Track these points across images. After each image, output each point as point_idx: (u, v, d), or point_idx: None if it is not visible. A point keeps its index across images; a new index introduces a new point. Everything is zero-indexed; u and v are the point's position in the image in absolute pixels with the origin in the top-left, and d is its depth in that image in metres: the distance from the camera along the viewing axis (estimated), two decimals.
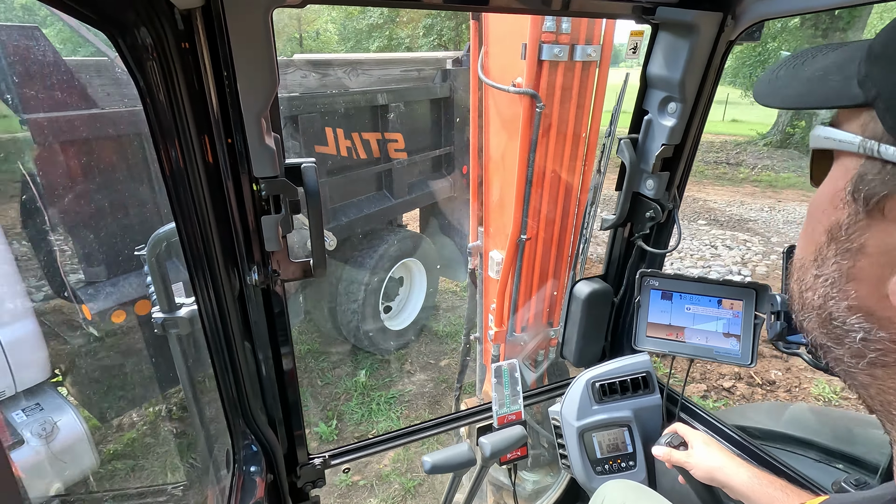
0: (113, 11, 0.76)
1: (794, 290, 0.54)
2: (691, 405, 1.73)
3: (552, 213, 2.37)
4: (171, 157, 0.94)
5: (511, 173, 2.27)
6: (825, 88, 0.48)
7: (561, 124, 2.20)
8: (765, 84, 0.55)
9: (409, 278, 5.64)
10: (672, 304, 1.60)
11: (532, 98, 2.06)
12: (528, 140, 2.14)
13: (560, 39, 2.00)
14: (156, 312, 2.02)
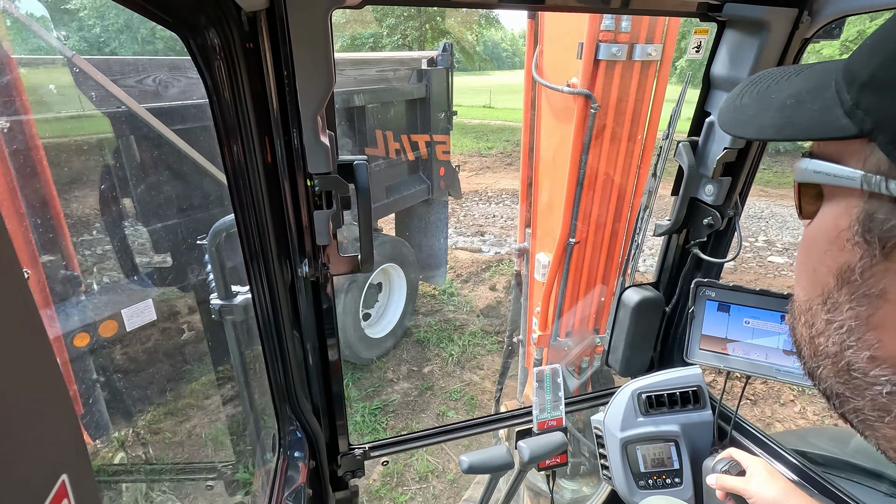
0: (186, 14, 0.81)
1: (803, 334, 0.49)
2: (746, 425, 1.64)
3: (603, 216, 2.31)
4: (234, 152, 0.99)
5: (562, 175, 2.23)
6: (804, 118, 0.44)
7: (616, 126, 2.14)
8: (730, 112, 0.51)
9: (388, 284, 5.47)
10: (729, 317, 1.52)
11: (587, 98, 2.03)
12: (580, 141, 2.09)
13: (619, 38, 1.96)
14: (213, 299, 2.13)
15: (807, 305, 0.48)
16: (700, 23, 1.36)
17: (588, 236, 2.34)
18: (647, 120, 2.16)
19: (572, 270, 2.41)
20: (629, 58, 1.98)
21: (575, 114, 2.06)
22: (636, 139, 2.18)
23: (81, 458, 0.38)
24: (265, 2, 0.88)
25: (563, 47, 2.12)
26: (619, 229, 2.36)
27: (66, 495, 0.36)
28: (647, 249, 9.34)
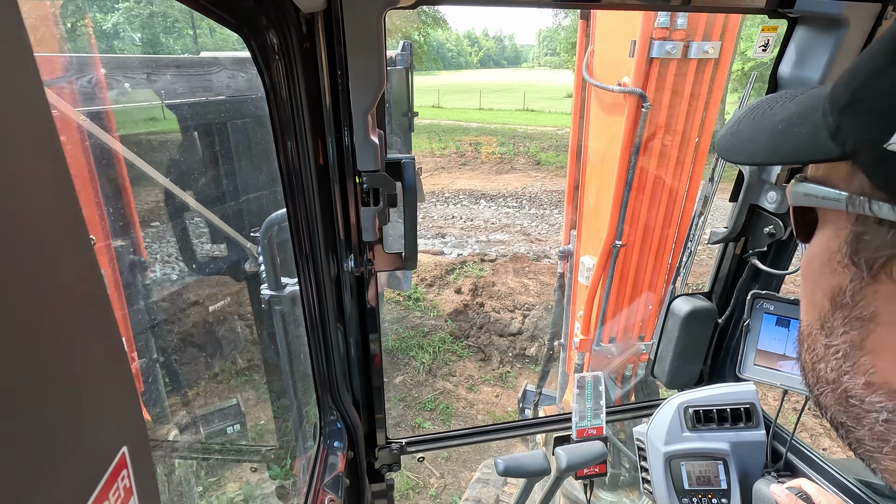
0: (248, 16, 0.85)
1: (807, 361, 0.48)
2: (805, 448, 1.53)
3: (653, 220, 2.23)
4: (288, 148, 1.02)
5: (610, 177, 2.17)
6: (792, 142, 0.43)
7: (669, 127, 2.06)
8: (728, 139, 0.51)
9: None
10: (789, 332, 1.43)
11: (639, 98, 1.96)
12: (630, 141, 2.04)
13: (674, 35, 1.89)
14: (264, 289, 2.22)
15: (808, 331, 0.48)
16: (768, 20, 1.29)
17: (635, 240, 2.27)
18: (702, 121, 2.07)
19: (618, 274, 2.34)
20: (684, 56, 1.92)
21: (626, 113, 2.00)
22: (690, 141, 2.09)
23: (140, 433, 0.41)
24: (322, 3, 0.91)
25: (615, 46, 2.06)
26: (668, 234, 2.27)
27: (125, 465, 0.38)
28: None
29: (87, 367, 0.34)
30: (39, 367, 0.29)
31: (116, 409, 0.38)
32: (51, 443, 0.30)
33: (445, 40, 60.16)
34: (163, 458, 3.10)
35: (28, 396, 0.28)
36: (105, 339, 0.36)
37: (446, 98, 31.17)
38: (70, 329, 0.32)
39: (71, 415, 0.32)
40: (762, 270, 1.58)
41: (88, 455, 0.34)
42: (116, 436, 0.38)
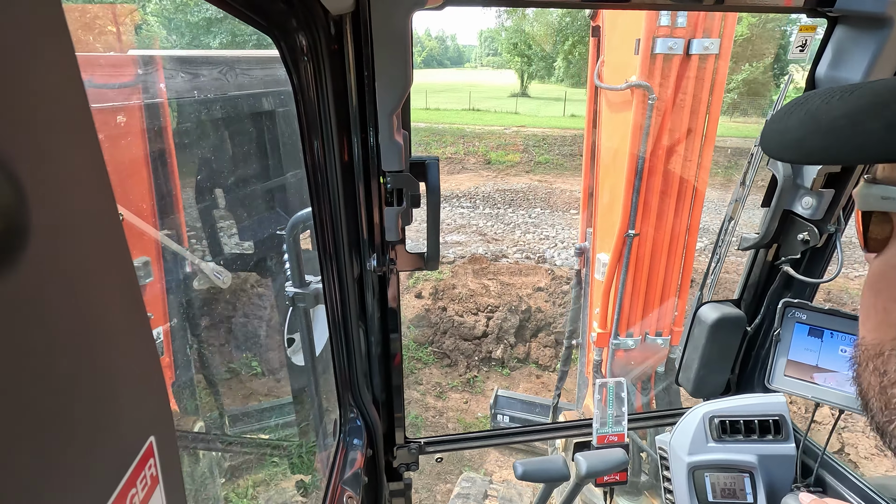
0: (278, 18, 0.86)
1: (872, 383, 0.43)
2: (837, 464, 1.48)
3: (664, 210, 2.29)
4: (314, 148, 1.04)
5: (622, 170, 2.23)
6: (861, 139, 0.38)
7: (675, 119, 2.14)
8: (776, 136, 0.47)
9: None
10: (822, 343, 1.38)
11: (645, 91, 2.06)
12: (639, 132, 2.12)
13: (675, 33, 2.00)
14: (288, 286, 2.26)
15: (876, 350, 0.43)
16: (806, 19, 1.24)
17: (648, 230, 2.31)
18: (706, 113, 2.16)
19: (632, 266, 2.38)
20: (686, 52, 2.03)
21: (633, 107, 2.11)
22: (696, 132, 2.17)
23: (167, 423, 0.42)
24: (351, 5, 0.92)
25: (623, 53, 2.17)
26: (680, 224, 2.34)
27: (152, 455, 0.39)
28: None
29: (118, 360, 0.35)
30: (73, 359, 0.30)
31: (145, 400, 0.39)
32: (83, 432, 0.31)
33: None
34: (186, 448, 3.18)
35: (63, 387, 0.29)
36: (135, 332, 0.37)
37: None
38: (102, 321, 0.33)
39: (103, 405, 0.33)
40: (795, 278, 1.53)
41: (118, 444, 0.35)
42: (145, 426, 0.39)
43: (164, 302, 2.84)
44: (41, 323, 0.27)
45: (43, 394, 0.27)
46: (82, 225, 0.30)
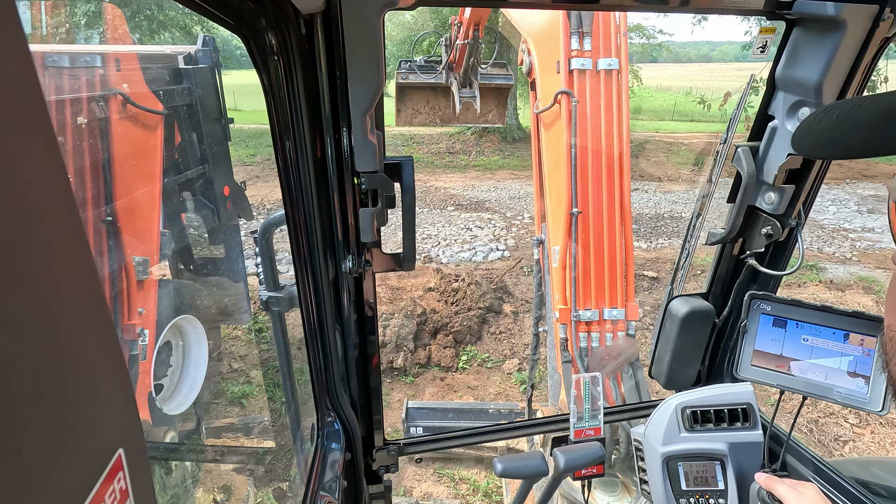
0: (247, 17, 0.85)
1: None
2: (801, 448, 1.54)
3: (598, 191, 2.84)
4: (286, 149, 1.02)
5: (562, 165, 2.77)
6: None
7: (594, 118, 2.74)
8: (810, 137, 0.53)
9: (183, 342, 3.96)
10: (786, 333, 1.44)
11: (568, 95, 2.66)
12: (569, 129, 2.68)
13: (584, 55, 2.69)
14: (262, 290, 2.22)
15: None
16: (766, 22, 1.29)
17: (588, 209, 2.84)
18: (618, 112, 2.78)
19: (581, 242, 2.83)
20: (595, 68, 2.70)
21: (562, 109, 2.72)
22: (612, 128, 2.77)
23: (136, 434, 0.41)
24: (322, 4, 0.91)
25: (550, 83, 2.85)
26: (612, 202, 2.88)
27: (121, 468, 0.38)
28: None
29: (82, 368, 0.34)
30: (33, 368, 0.29)
31: (112, 410, 0.38)
32: (45, 445, 0.30)
33: (230, 36, 54.01)
34: (159, 459, 3.09)
35: (22, 398, 0.28)
36: (101, 339, 0.36)
37: (244, 100, 26.04)
38: (65, 329, 0.32)
39: (66, 417, 0.32)
40: (759, 271, 1.58)
41: (84, 457, 0.34)
42: (113, 438, 0.37)
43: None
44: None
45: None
46: (40, 228, 0.29)
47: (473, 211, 12.10)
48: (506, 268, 8.79)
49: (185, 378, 3.88)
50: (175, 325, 3.79)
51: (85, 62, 3.10)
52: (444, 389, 6.04)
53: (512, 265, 8.89)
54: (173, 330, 3.78)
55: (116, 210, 2.81)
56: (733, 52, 52.10)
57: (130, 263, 2.82)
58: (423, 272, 8.06)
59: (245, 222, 4.76)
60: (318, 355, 1.34)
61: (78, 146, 2.87)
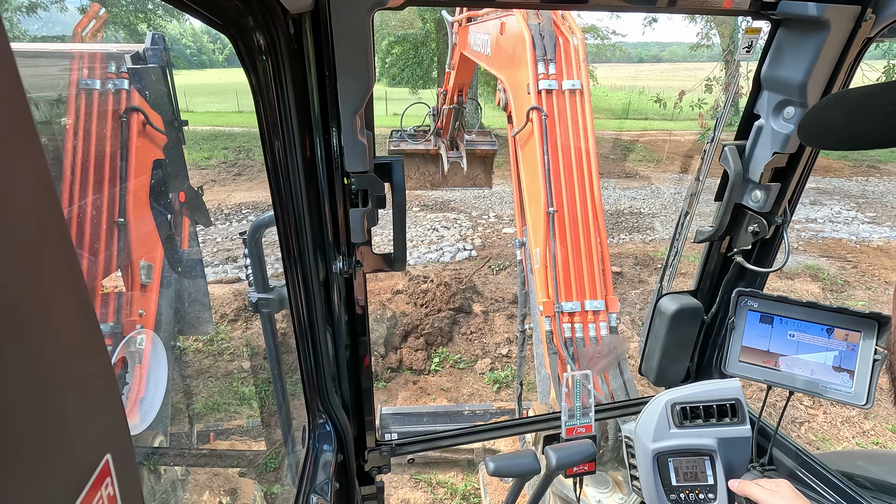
0: (234, 16, 0.84)
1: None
2: (788, 442, 1.56)
3: (570, 192, 3.11)
4: (275, 149, 1.01)
5: (537, 173, 3.04)
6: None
7: (562, 129, 3.11)
8: (819, 127, 0.52)
9: (140, 356, 3.54)
10: (772, 329, 1.46)
11: (538, 111, 3.03)
12: (541, 139, 3.00)
13: (550, 77, 3.14)
14: (251, 292, 2.19)
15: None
16: (752, 22, 1.31)
17: (563, 208, 3.08)
18: (583, 123, 3.15)
19: (559, 239, 3.03)
20: (560, 88, 3.12)
21: (534, 123, 3.05)
22: (578, 138, 3.11)
23: (124, 440, 0.40)
24: (310, 4, 0.90)
25: (522, 103, 3.22)
26: (585, 201, 3.13)
27: (109, 473, 0.37)
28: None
29: (69, 373, 0.33)
30: (20, 373, 0.28)
31: (100, 415, 0.37)
32: (30, 450, 0.29)
33: (180, 35, 47.04)
34: (148, 464, 3.05)
35: (6, 403, 0.27)
36: (88, 343, 0.35)
37: (196, 101, 27.31)
38: (52, 334, 0.31)
39: (53, 422, 0.31)
40: (746, 268, 1.61)
41: (71, 463, 0.33)
42: (100, 443, 0.37)
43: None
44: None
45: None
46: (24, 229, 0.29)
47: (439, 211, 12.12)
48: (474, 267, 8.81)
49: (145, 397, 3.64)
50: (131, 341, 3.52)
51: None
52: (417, 393, 6.02)
53: (480, 265, 8.92)
54: (129, 345, 3.52)
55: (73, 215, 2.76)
56: (682, 52, 52.87)
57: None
58: (390, 275, 8.00)
59: (203, 228, 4.61)
60: (308, 357, 1.34)
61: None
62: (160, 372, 3.71)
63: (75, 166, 2.97)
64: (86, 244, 2.73)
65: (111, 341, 3.03)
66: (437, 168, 7.51)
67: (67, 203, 2.67)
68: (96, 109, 3.32)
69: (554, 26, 3.32)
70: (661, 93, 16.91)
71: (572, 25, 3.38)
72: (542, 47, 3.18)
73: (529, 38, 3.20)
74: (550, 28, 3.29)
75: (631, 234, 10.79)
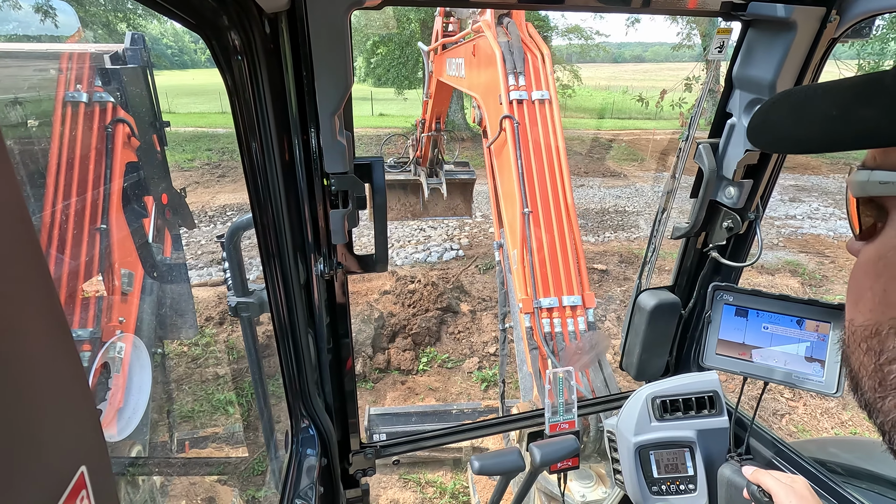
0: (208, 16, 0.82)
1: (865, 363, 0.46)
2: (764, 432, 1.60)
3: (544, 193, 3.26)
4: (252, 150, 1.00)
5: (514, 182, 3.18)
6: (858, 127, 0.42)
7: (533, 135, 3.31)
8: (765, 129, 0.51)
9: (123, 361, 3.50)
10: (747, 322, 1.49)
11: (510, 119, 3.24)
12: (514, 142, 3.19)
13: (520, 88, 3.35)
14: (230, 296, 2.16)
15: (871, 330, 0.45)
16: (723, 23, 1.34)
17: (537, 209, 3.21)
18: (553, 129, 3.35)
19: (535, 239, 3.14)
20: (530, 98, 3.33)
21: (507, 130, 3.25)
22: (549, 143, 3.31)
23: (100, 451, 0.39)
24: (286, 3, 0.89)
25: (496, 115, 3.40)
26: (558, 202, 3.27)
27: (84, 486, 0.36)
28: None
29: (39, 382, 0.32)
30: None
31: (74, 427, 0.36)
32: (2, 464, 0.28)
33: (161, 35, 45.82)
34: (126, 475, 2.97)
35: None
36: (60, 351, 0.34)
37: (178, 102, 27.06)
38: (19, 341, 0.30)
39: (22, 434, 0.30)
40: (722, 263, 1.64)
41: (43, 477, 0.32)
42: (75, 455, 0.36)
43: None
44: None
45: None
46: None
47: None
48: (461, 267, 8.84)
49: (126, 402, 3.55)
50: (112, 346, 3.42)
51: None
52: (405, 393, 6.01)
53: (467, 264, 8.95)
54: (111, 349, 3.42)
55: (42, 221, 2.67)
56: (664, 52, 54.12)
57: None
58: (377, 275, 8.00)
59: (187, 231, 4.49)
60: (290, 360, 1.32)
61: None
62: (143, 378, 3.60)
63: (49, 170, 2.87)
64: (55, 248, 2.65)
65: (90, 347, 2.92)
66: (418, 198, 7.82)
67: (50, 205, 2.57)
68: (74, 113, 3.21)
69: (522, 43, 3.61)
70: (644, 92, 17.25)
71: (539, 43, 3.69)
72: (512, 62, 3.48)
73: (500, 53, 3.50)
74: (519, 45, 3.58)
75: (616, 232, 10.94)
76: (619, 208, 12.46)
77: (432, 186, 7.43)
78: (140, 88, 3.61)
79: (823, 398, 5.38)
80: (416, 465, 4.78)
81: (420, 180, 7.48)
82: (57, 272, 2.65)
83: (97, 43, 8.61)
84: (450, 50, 5.25)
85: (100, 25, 15.11)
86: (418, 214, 7.85)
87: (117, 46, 3.57)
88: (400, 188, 7.85)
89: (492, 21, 3.93)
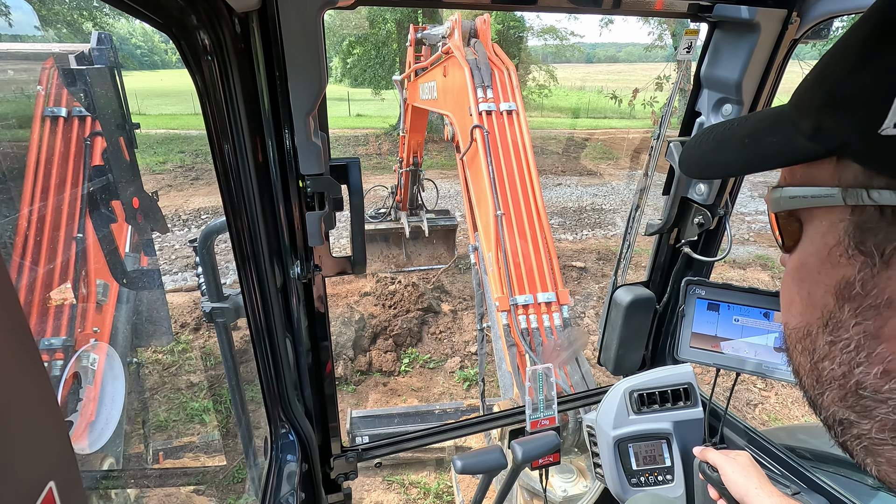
0: (176, 15, 0.80)
1: (803, 362, 0.48)
2: (736, 420, 1.65)
3: (515, 196, 3.42)
4: (225, 152, 0.98)
5: (487, 188, 3.34)
6: (766, 150, 0.47)
7: (503, 142, 3.54)
8: (694, 160, 0.56)
9: (94, 370, 3.37)
10: (719, 315, 1.54)
11: (480, 128, 3.44)
12: (485, 149, 3.38)
13: (489, 101, 3.62)
14: (204, 301, 2.11)
15: (803, 332, 0.48)
16: (691, 24, 1.38)
17: (509, 211, 3.35)
18: (521, 137, 3.56)
19: (508, 239, 3.24)
20: (498, 109, 3.59)
21: (479, 141, 3.44)
22: (518, 150, 3.51)
23: (69, 466, 0.38)
24: (257, 2, 0.87)
25: (466, 126, 3.62)
26: (528, 203, 3.40)
27: (53, 502, 0.35)
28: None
29: (3, 396, 0.31)
30: None
31: (41, 441, 0.35)
32: None
33: (129, 34, 43.16)
34: (98, 489, 2.88)
35: None
36: (23, 362, 0.33)
37: (148, 103, 26.34)
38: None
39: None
40: (694, 258, 1.69)
41: (9, 494, 0.31)
42: (43, 470, 0.34)
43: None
44: None
45: None
46: None
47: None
48: (441, 267, 8.87)
49: (99, 413, 3.39)
50: (84, 354, 3.31)
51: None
52: (387, 394, 5.97)
53: (448, 264, 8.97)
54: (82, 359, 3.29)
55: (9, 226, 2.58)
56: (637, 52, 55.34)
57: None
58: (357, 277, 7.94)
59: (160, 235, 4.37)
60: (268, 365, 1.30)
61: None
62: (116, 388, 3.46)
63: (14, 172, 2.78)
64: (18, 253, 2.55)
65: (63, 356, 2.82)
66: (401, 249, 8.03)
67: (9, 211, 2.48)
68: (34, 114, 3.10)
69: (489, 60, 3.90)
70: (618, 91, 17.58)
71: (504, 59, 3.99)
72: (480, 76, 3.75)
73: (468, 69, 3.75)
74: (486, 61, 3.86)
75: (593, 229, 11.07)
76: (596, 206, 12.64)
77: (414, 225, 7.57)
78: (107, 90, 3.48)
79: (794, 388, 5.57)
80: (400, 467, 4.76)
81: (402, 225, 7.65)
82: (17, 280, 2.56)
83: (61, 43, 8.29)
84: (422, 75, 5.53)
85: (63, 24, 14.48)
86: (402, 265, 7.92)
87: (83, 46, 3.46)
88: (382, 240, 7.86)
89: (460, 43, 4.21)
